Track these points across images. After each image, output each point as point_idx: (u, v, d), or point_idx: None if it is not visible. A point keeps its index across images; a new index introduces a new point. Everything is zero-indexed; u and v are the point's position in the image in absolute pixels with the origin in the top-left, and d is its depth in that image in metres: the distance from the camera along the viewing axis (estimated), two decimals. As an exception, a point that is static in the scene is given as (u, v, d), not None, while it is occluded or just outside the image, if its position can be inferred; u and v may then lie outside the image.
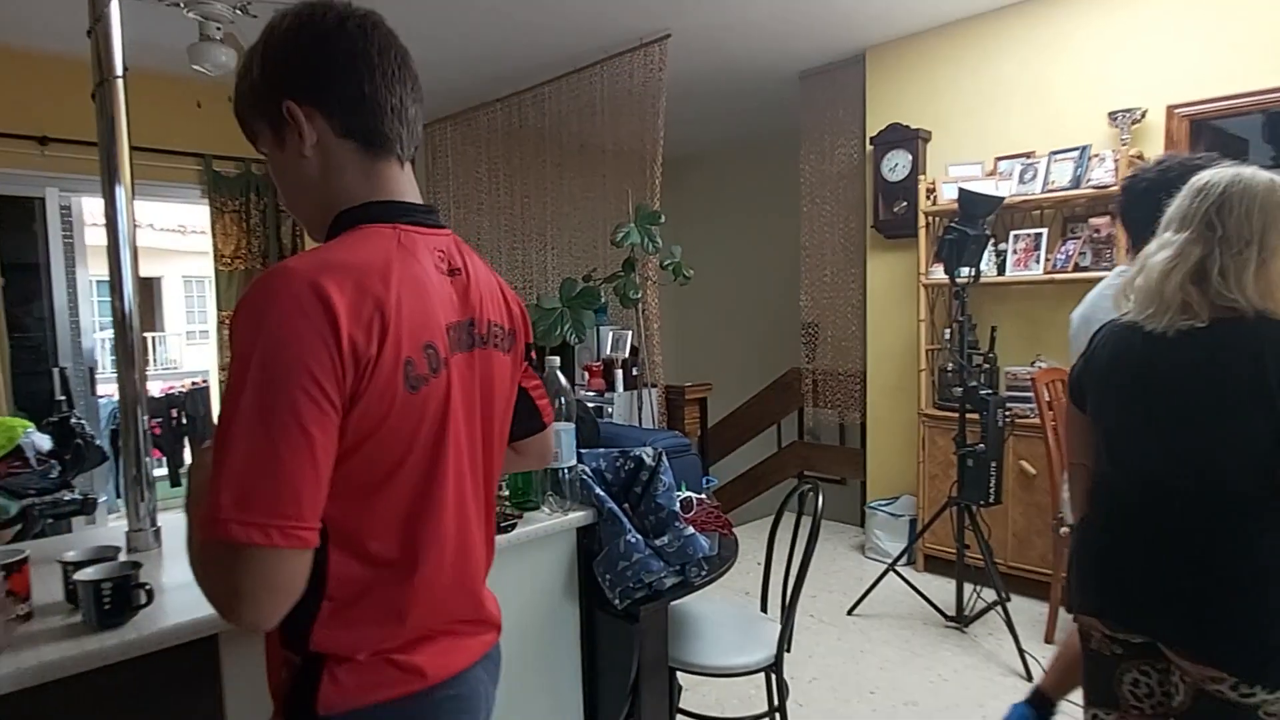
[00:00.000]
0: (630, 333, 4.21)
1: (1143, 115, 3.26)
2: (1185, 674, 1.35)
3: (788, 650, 2.01)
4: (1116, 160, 3.20)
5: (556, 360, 1.80)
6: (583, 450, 1.89)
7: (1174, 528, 1.34)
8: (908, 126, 4.05)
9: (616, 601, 1.71)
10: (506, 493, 1.84)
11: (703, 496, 2.21)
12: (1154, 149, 3.30)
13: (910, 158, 4.03)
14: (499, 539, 1.62)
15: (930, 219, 3.83)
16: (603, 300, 4.00)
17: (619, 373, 4.08)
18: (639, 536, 1.73)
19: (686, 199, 7.03)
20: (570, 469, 1.78)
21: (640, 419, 4.03)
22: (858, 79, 4.37)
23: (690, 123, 5.62)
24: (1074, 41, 3.51)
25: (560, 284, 3.89)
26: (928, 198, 3.81)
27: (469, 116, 5.35)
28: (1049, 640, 3.04)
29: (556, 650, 1.79)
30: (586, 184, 5.03)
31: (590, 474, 1.83)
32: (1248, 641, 1.27)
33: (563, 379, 1.78)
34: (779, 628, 1.99)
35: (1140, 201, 1.78)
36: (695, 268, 4.10)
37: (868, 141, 4.27)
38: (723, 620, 2.15)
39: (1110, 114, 3.31)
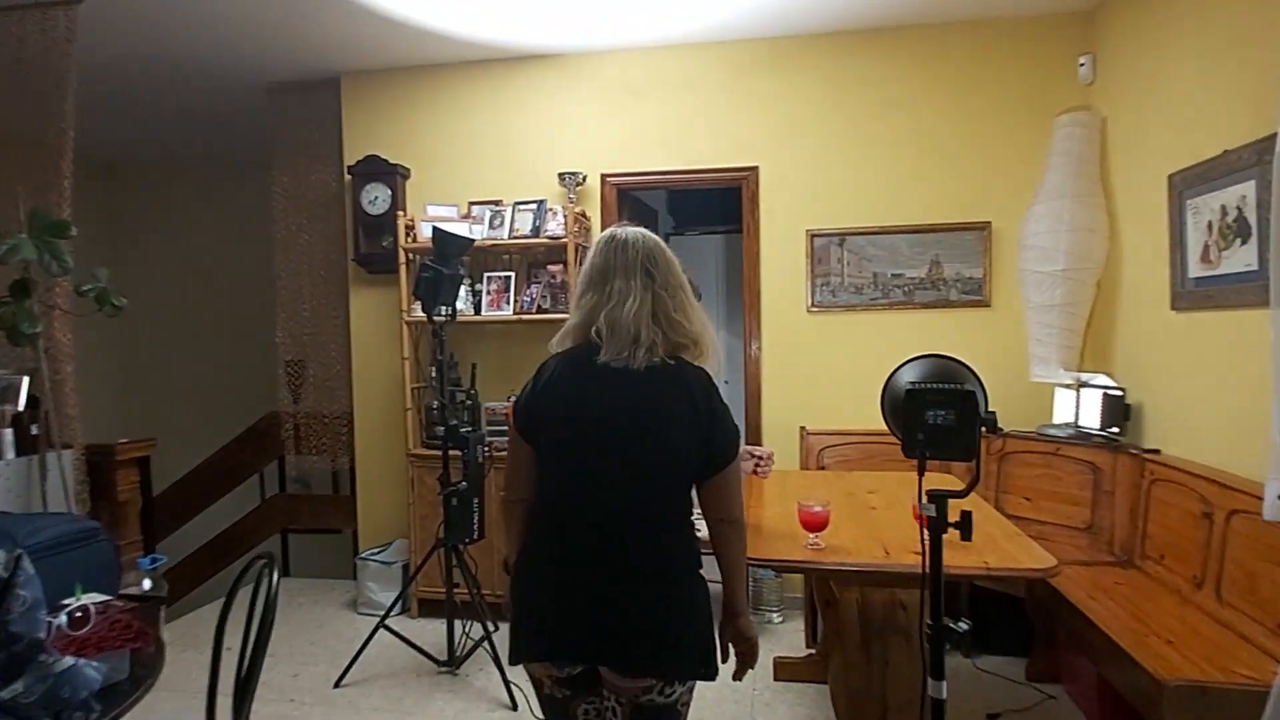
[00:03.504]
0: (26, 379, 3.16)
1: (584, 179, 3.78)
2: (621, 694, 1.48)
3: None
4: (565, 215, 3.63)
5: None
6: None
7: (614, 548, 1.44)
8: (387, 160, 3.97)
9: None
10: None
11: (111, 599, 1.68)
12: (594, 209, 3.86)
13: (390, 192, 3.96)
14: None
15: (410, 256, 3.80)
16: (-23, 337, 2.91)
17: (6, 433, 3.02)
18: (-27, 691, 1.19)
19: (131, 212, 5.77)
20: None
21: (44, 494, 3.03)
22: (334, 103, 4.14)
23: (133, 120, 4.61)
24: (530, 107, 3.90)
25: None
26: (407, 235, 3.78)
27: None
28: (530, 660, 3.22)
29: None
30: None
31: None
32: (662, 645, 1.43)
33: None
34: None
35: None
36: (148, 297, 3.30)
37: (346, 170, 4.06)
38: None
39: (560, 175, 3.75)
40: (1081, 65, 3.40)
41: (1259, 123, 2.26)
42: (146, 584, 1.88)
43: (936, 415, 1.33)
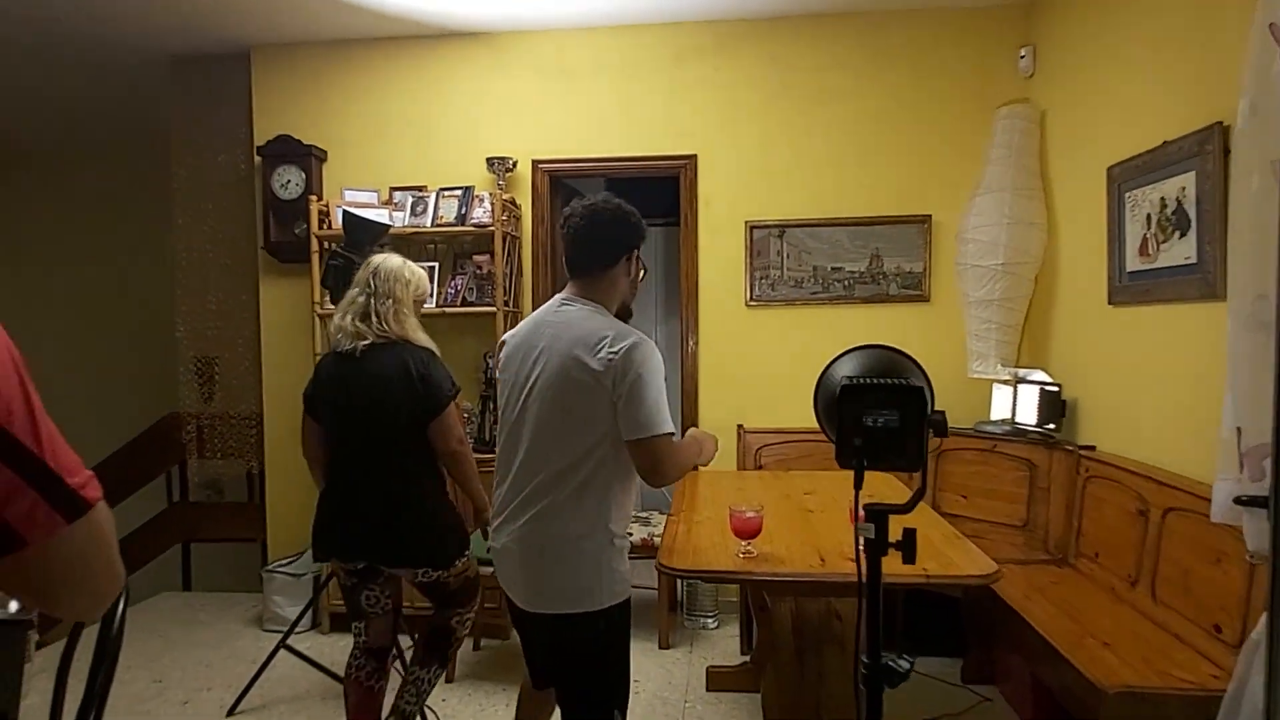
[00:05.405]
0: None
1: (514, 165, 3.58)
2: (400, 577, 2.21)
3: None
4: (493, 203, 3.41)
5: None
6: None
7: (376, 481, 2.11)
8: (300, 141, 3.69)
9: None
10: None
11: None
12: (525, 196, 3.65)
13: (304, 176, 3.68)
14: None
15: (324, 244, 3.53)
16: None
17: None
18: None
19: (15, 203, 5.30)
20: None
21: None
22: (243, 78, 3.83)
23: (17, 105, 4.21)
24: (455, 89, 3.68)
25: None
26: (321, 222, 3.51)
27: None
28: (449, 680, 3.01)
29: None
30: None
31: None
32: (419, 544, 2.13)
33: None
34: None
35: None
36: (32, 293, 2.94)
37: (255, 151, 3.76)
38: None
39: (489, 160, 3.53)
40: (1022, 58, 3.36)
41: (1199, 113, 2.21)
42: (13, 605, 1.61)
43: (877, 417, 1.13)
